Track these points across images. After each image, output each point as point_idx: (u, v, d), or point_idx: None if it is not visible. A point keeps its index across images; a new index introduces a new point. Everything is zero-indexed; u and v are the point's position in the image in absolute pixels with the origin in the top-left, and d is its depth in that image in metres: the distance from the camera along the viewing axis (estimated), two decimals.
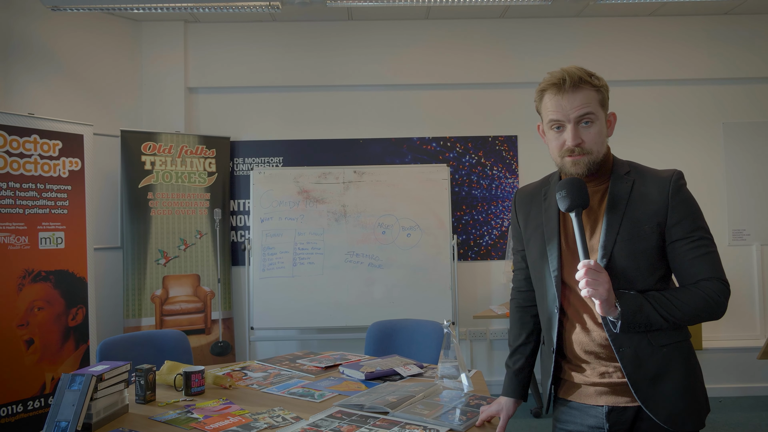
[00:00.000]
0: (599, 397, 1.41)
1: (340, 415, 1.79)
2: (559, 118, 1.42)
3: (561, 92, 1.41)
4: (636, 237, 1.38)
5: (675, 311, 1.32)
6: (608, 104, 1.46)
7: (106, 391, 1.80)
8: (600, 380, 1.41)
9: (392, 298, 4.15)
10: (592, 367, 1.43)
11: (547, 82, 1.44)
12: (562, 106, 1.41)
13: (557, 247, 1.47)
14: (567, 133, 1.41)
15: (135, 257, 4.11)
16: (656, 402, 1.34)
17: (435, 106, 4.68)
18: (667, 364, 1.35)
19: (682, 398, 1.35)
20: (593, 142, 1.41)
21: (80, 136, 3.81)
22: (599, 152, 1.42)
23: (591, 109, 1.41)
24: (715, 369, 4.33)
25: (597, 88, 1.43)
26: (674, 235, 1.37)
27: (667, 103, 4.68)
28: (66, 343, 3.65)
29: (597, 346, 1.42)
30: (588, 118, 1.41)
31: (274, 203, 4.23)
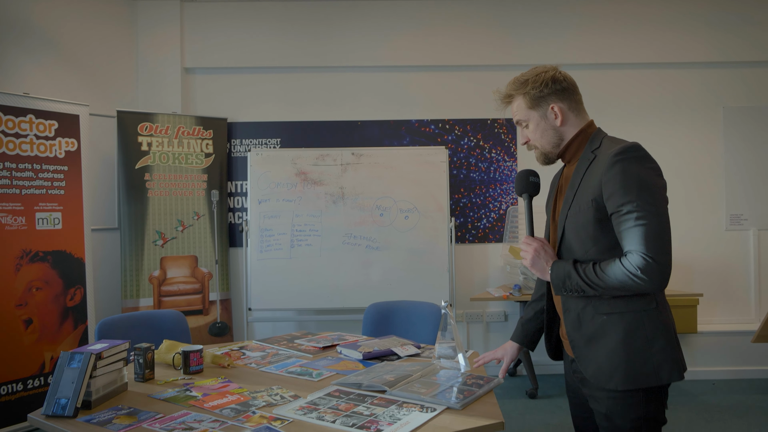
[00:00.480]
0: (566, 345, 1.66)
1: (338, 394, 1.81)
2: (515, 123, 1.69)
3: (505, 108, 1.72)
4: (579, 212, 1.53)
5: (598, 281, 1.45)
6: (548, 98, 1.61)
7: (105, 369, 1.81)
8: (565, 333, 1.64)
9: (389, 280, 4.16)
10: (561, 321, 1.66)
11: None
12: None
13: (546, 222, 1.74)
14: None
15: (132, 238, 4.11)
16: (587, 360, 1.52)
17: (434, 88, 4.65)
18: (603, 329, 1.49)
19: (609, 360, 1.47)
20: (535, 139, 1.65)
21: (76, 116, 3.78)
22: (544, 144, 1.64)
23: (520, 116, 1.66)
24: (709, 352, 4.37)
25: (522, 94, 1.63)
26: (609, 209, 1.47)
27: (666, 86, 4.66)
28: (64, 323, 3.66)
29: (560, 305, 1.63)
30: (521, 123, 1.67)
31: (272, 185, 4.22)
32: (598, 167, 1.50)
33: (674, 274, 4.73)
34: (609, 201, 1.45)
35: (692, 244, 4.61)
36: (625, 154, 1.46)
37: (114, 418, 1.65)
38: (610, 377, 1.47)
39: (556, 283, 1.54)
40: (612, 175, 1.44)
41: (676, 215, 4.57)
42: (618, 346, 1.46)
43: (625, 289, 1.43)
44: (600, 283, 1.45)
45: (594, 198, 1.48)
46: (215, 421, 1.60)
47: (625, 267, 1.41)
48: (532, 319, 1.87)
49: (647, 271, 1.38)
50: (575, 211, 1.54)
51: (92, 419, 1.64)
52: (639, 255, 1.40)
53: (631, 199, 1.42)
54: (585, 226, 1.51)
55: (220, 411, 1.68)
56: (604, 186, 1.46)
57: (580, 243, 1.53)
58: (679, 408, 3.72)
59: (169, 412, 1.68)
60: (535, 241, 1.60)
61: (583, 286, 1.48)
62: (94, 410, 1.72)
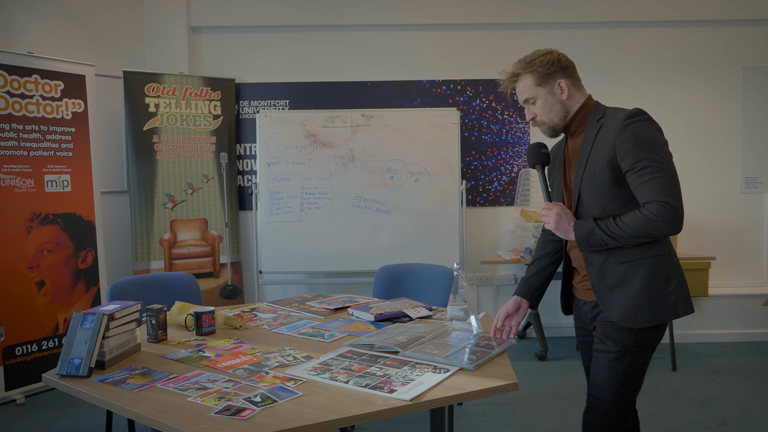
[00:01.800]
0: (581, 293, 1.84)
1: (350, 355, 1.80)
2: (521, 104, 1.83)
3: (509, 89, 1.85)
4: (594, 174, 1.68)
5: (620, 232, 1.60)
6: (555, 74, 1.75)
7: (118, 330, 1.81)
8: (582, 284, 1.82)
9: (399, 243, 4.15)
10: (580, 274, 1.82)
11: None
12: (517, 95, 1.83)
13: (559, 188, 1.87)
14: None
15: (142, 201, 4.10)
16: (612, 305, 1.67)
17: (445, 48, 4.53)
18: (625, 276, 1.65)
19: (633, 303, 1.64)
20: (542, 114, 1.78)
21: (82, 76, 3.73)
22: (552, 118, 1.77)
23: (527, 94, 1.78)
24: (720, 315, 4.36)
25: (530, 72, 1.75)
26: (624, 167, 1.62)
27: (685, 45, 4.52)
28: (77, 285, 3.69)
29: (581, 260, 1.77)
30: (529, 101, 1.79)
31: (281, 147, 4.17)
32: (608, 133, 1.65)
33: (686, 237, 4.69)
34: (624, 160, 1.60)
35: (706, 206, 4.55)
36: (634, 117, 1.62)
37: (128, 378, 1.66)
38: (636, 317, 1.63)
39: (581, 241, 1.67)
40: (624, 137, 1.60)
41: (690, 177, 4.52)
42: (641, 289, 1.63)
43: (647, 236, 1.59)
44: (622, 233, 1.59)
45: (609, 160, 1.63)
46: (229, 381, 1.60)
47: (645, 216, 1.56)
48: (534, 275, 1.99)
49: (667, 216, 1.54)
50: (590, 175, 1.68)
51: (106, 379, 1.65)
52: (657, 203, 1.54)
53: (644, 156, 1.58)
54: (602, 186, 1.66)
55: (233, 371, 1.69)
56: (618, 147, 1.61)
57: (598, 202, 1.68)
58: (688, 370, 3.73)
59: (183, 372, 1.69)
60: (556, 206, 1.73)
61: (606, 240, 1.62)
62: (108, 370, 1.73)
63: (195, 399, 1.48)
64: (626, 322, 1.64)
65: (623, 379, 1.66)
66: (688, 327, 4.35)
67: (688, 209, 4.66)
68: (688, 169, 4.52)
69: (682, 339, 4.29)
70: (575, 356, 4.03)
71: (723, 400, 3.21)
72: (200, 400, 1.47)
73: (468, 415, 3.06)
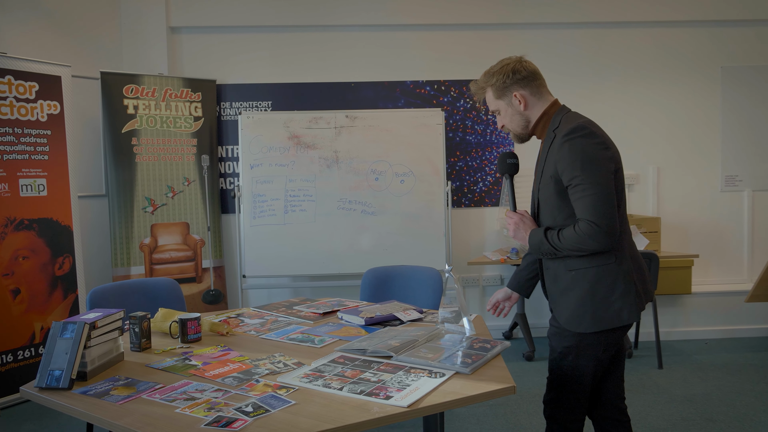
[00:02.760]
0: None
1: (342, 360, 1.76)
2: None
3: (481, 99, 1.92)
4: (545, 186, 1.78)
5: (560, 245, 1.70)
6: (511, 87, 1.82)
7: (100, 339, 1.75)
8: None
9: (385, 245, 4.11)
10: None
11: None
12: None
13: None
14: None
15: (121, 205, 4.00)
16: (561, 308, 1.78)
17: (429, 49, 4.51)
18: (573, 282, 1.74)
19: (577, 308, 1.72)
20: (507, 124, 1.88)
21: (58, 77, 3.62)
22: (515, 128, 1.86)
23: (491, 107, 1.89)
24: (703, 312, 4.40)
25: (490, 86, 1.84)
26: (564, 182, 1.71)
27: (664, 46, 4.56)
28: (54, 293, 3.58)
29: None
30: (493, 113, 1.90)
31: (264, 149, 4.10)
32: (554, 147, 1.74)
33: (669, 236, 4.72)
34: (562, 176, 1.70)
35: (688, 205, 4.59)
36: (572, 134, 1.68)
37: (111, 389, 1.59)
38: (580, 322, 1.73)
39: (534, 249, 1.80)
40: (562, 154, 1.69)
41: (672, 176, 4.57)
42: (585, 296, 1.72)
43: (580, 251, 1.69)
44: (563, 246, 1.70)
45: (552, 174, 1.73)
46: (218, 391, 1.55)
47: (576, 232, 1.66)
48: (524, 269, 2.06)
49: (592, 233, 1.63)
50: (543, 185, 1.79)
51: (89, 391, 1.58)
52: (585, 222, 1.65)
53: (576, 174, 1.66)
54: (550, 198, 1.76)
55: (222, 380, 1.63)
56: (558, 164, 1.70)
57: (549, 212, 1.79)
58: (674, 367, 3.75)
59: (169, 382, 1.63)
60: (515, 215, 1.86)
61: (552, 250, 1.74)
62: (90, 381, 1.66)
63: (183, 410, 1.42)
64: (570, 326, 1.75)
65: (564, 377, 1.78)
66: (673, 325, 4.38)
67: (672, 208, 4.70)
68: (670, 169, 4.56)
69: (666, 337, 4.33)
70: None
71: (710, 397, 3.23)
72: (189, 412, 1.41)
73: (458, 417, 3.03)
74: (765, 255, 4.62)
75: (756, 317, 4.40)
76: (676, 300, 4.35)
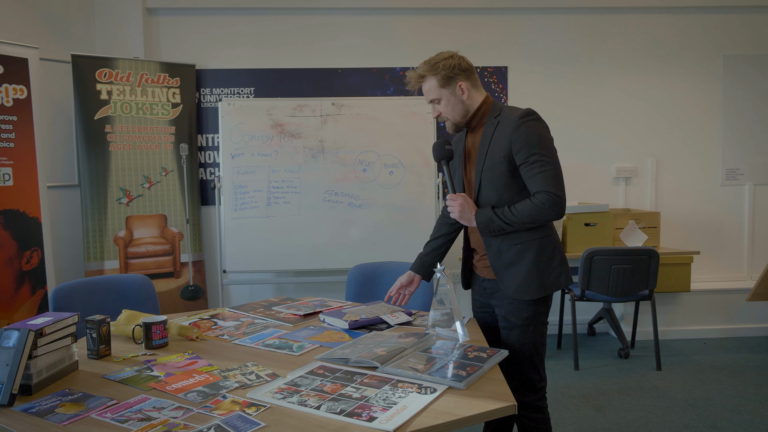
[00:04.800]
0: (481, 271, 2.05)
1: (322, 371, 1.58)
2: (427, 102, 2.00)
3: (416, 87, 1.99)
4: (493, 166, 1.88)
5: (514, 219, 1.82)
6: (456, 77, 1.91)
7: (49, 347, 1.55)
8: (480, 262, 2.04)
9: (373, 239, 3.92)
10: (479, 254, 2.04)
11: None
12: (423, 95, 1.99)
13: (460, 178, 2.06)
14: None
15: (94, 196, 3.78)
16: (508, 281, 1.90)
17: (420, 34, 4.31)
18: (518, 256, 1.88)
19: (525, 279, 1.87)
20: (446, 112, 1.96)
21: (24, 60, 3.38)
22: (455, 116, 1.95)
23: (432, 95, 1.95)
24: (702, 311, 4.25)
25: (434, 75, 1.91)
26: (517, 161, 1.84)
27: (665, 32, 4.39)
28: (21, 288, 3.36)
29: (480, 241, 1.99)
30: (434, 101, 1.96)
31: (246, 138, 3.89)
32: (505, 129, 1.85)
33: (667, 231, 4.55)
34: (518, 154, 1.82)
35: (686, 199, 4.45)
36: (527, 117, 1.84)
37: (58, 406, 1.40)
38: (527, 291, 1.88)
39: (482, 228, 1.88)
40: (518, 134, 1.82)
41: (671, 169, 4.41)
42: (532, 266, 1.87)
43: (536, 221, 1.83)
44: (516, 220, 1.82)
45: (505, 154, 1.84)
46: (178, 409, 1.36)
47: (535, 204, 1.79)
48: (429, 254, 2.21)
49: (552, 203, 1.78)
50: (489, 167, 1.89)
51: (32, 408, 1.39)
52: (545, 193, 1.78)
53: (535, 151, 1.81)
54: (500, 177, 1.87)
55: (184, 395, 1.44)
56: (513, 143, 1.82)
57: (495, 191, 1.89)
58: (673, 369, 3.60)
59: (125, 397, 1.44)
60: (459, 197, 1.93)
61: (503, 226, 1.84)
62: (36, 396, 1.47)
63: None
64: (520, 295, 1.88)
65: (531, 346, 1.92)
66: (670, 323, 4.24)
67: (670, 202, 4.54)
68: (668, 161, 4.41)
69: (664, 336, 4.18)
70: (548, 356, 3.89)
71: (712, 401, 3.08)
72: None
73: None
74: (766, 251, 4.49)
75: (756, 316, 4.25)
76: (674, 298, 4.20)
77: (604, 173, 4.45)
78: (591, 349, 4.04)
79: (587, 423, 2.84)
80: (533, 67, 4.36)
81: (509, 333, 1.94)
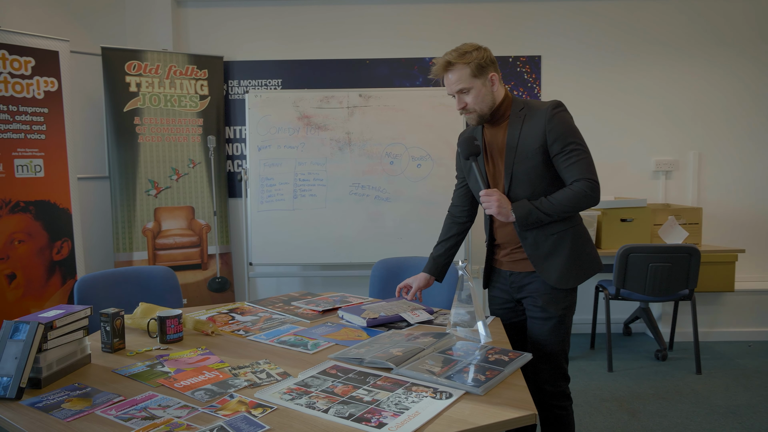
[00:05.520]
0: (508, 265, 2.01)
1: (334, 372, 1.51)
2: (449, 93, 1.93)
3: (441, 76, 1.92)
4: (527, 158, 1.87)
5: (554, 208, 1.82)
6: (488, 68, 1.87)
7: (60, 341, 1.53)
8: (509, 256, 2.01)
9: (400, 233, 3.85)
10: (506, 248, 2.01)
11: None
12: (446, 85, 1.92)
13: (476, 175, 1.99)
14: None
15: (123, 188, 3.81)
16: (548, 271, 1.90)
17: (450, 23, 4.19)
18: (556, 246, 1.89)
19: (565, 267, 1.89)
20: (473, 104, 1.90)
21: (55, 53, 3.42)
22: (482, 108, 1.90)
23: (463, 84, 1.87)
24: (746, 312, 4.03)
25: (467, 63, 1.84)
26: (553, 151, 1.84)
27: (707, 18, 4.16)
28: (51, 278, 3.42)
29: (510, 235, 1.98)
30: (463, 90, 1.88)
31: (272, 130, 3.86)
32: (536, 121, 1.85)
33: (711, 228, 4.33)
34: (554, 144, 1.83)
35: (731, 194, 4.22)
36: (559, 108, 1.86)
37: (64, 401, 1.37)
38: (569, 279, 1.90)
39: (522, 221, 1.86)
40: (554, 124, 1.82)
41: (714, 163, 4.19)
42: (570, 255, 1.90)
43: (576, 209, 1.85)
44: (555, 210, 1.82)
45: (540, 145, 1.84)
46: (183, 407, 1.31)
47: (575, 191, 1.81)
48: (442, 255, 2.20)
49: (593, 190, 1.81)
50: (522, 159, 1.87)
51: (39, 402, 1.37)
52: (586, 180, 1.80)
53: (572, 140, 1.83)
54: (534, 169, 1.87)
55: (191, 393, 1.40)
56: (549, 133, 1.83)
57: (529, 183, 1.89)
58: (714, 373, 3.43)
59: (132, 394, 1.41)
60: (495, 192, 1.88)
61: (541, 217, 1.84)
62: (45, 390, 1.45)
63: None
64: (561, 284, 1.89)
65: (564, 336, 1.94)
66: (712, 324, 4.04)
67: (713, 197, 4.31)
68: (712, 154, 4.19)
69: (705, 337, 3.98)
70: (580, 356, 3.75)
71: (756, 409, 2.91)
72: None
73: None
74: None
75: None
76: (717, 298, 4.00)
77: (643, 167, 4.25)
78: (626, 349, 3.88)
79: (619, 428, 2.71)
80: (568, 55, 4.19)
81: (544, 324, 1.92)
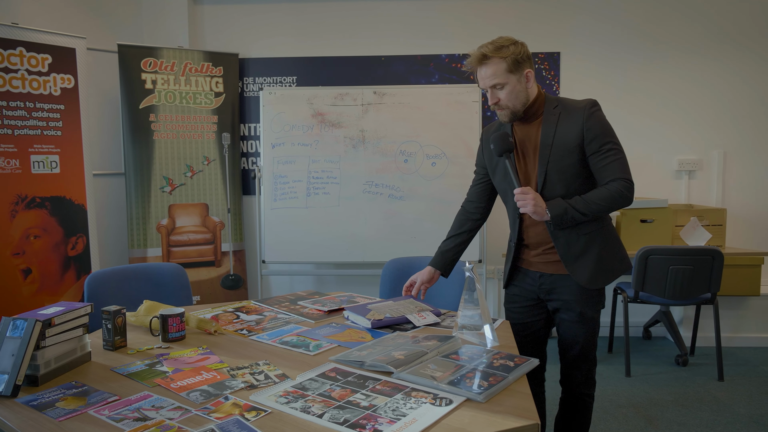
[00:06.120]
0: (538, 266, 1.97)
1: (334, 374, 1.48)
2: (482, 87, 1.88)
3: (475, 69, 1.87)
4: (563, 156, 1.84)
5: (589, 207, 1.80)
6: (525, 64, 1.83)
7: (59, 338, 1.52)
8: (540, 257, 1.96)
9: (414, 232, 3.80)
10: (537, 249, 1.96)
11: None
12: (480, 79, 1.87)
13: (505, 173, 1.97)
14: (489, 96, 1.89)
15: (138, 184, 3.83)
16: (580, 272, 1.88)
17: (466, 19, 4.12)
18: (586, 245, 1.88)
19: (597, 268, 1.88)
20: (507, 100, 1.85)
21: (72, 50, 3.45)
22: (516, 104, 1.86)
23: (497, 79, 1.83)
24: None
25: (503, 58, 1.80)
26: (590, 150, 1.82)
27: (734, 13, 4.02)
28: (66, 273, 3.45)
29: (541, 235, 1.93)
30: (497, 85, 1.84)
31: (286, 127, 3.84)
32: (573, 119, 1.83)
33: (734, 230, 4.20)
34: (591, 143, 1.81)
35: (757, 195, 4.08)
36: (596, 107, 1.85)
37: (59, 399, 1.36)
38: (599, 279, 1.89)
39: (556, 221, 1.82)
40: (592, 123, 1.81)
41: (739, 163, 4.05)
42: (601, 255, 1.88)
43: (612, 208, 1.82)
44: (591, 209, 1.80)
45: (578, 143, 1.82)
46: (177, 409, 1.29)
47: (611, 191, 1.79)
48: (451, 250, 2.14)
49: (629, 190, 1.80)
50: (558, 157, 1.84)
51: (34, 400, 1.36)
52: (622, 180, 1.79)
53: (609, 140, 1.82)
54: (571, 166, 1.84)
55: (187, 394, 1.37)
56: (587, 132, 1.81)
57: (564, 182, 1.85)
58: (737, 380, 3.31)
59: (128, 393, 1.39)
60: (530, 191, 1.83)
61: (577, 217, 1.81)
62: (42, 387, 1.44)
63: None
64: (593, 284, 1.88)
65: (596, 333, 1.98)
66: (736, 330, 3.91)
67: (738, 197, 4.18)
68: (736, 153, 4.05)
69: (728, 343, 3.86)
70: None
71: None
72: None
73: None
74: None
75: None
76: (741, 302, 3.87)
77: (665, 166, 4.14)
78: (645, 354, 3.78)
79: None
80: (588, 52, 4.09)
81: (580, 326, 1.93)
